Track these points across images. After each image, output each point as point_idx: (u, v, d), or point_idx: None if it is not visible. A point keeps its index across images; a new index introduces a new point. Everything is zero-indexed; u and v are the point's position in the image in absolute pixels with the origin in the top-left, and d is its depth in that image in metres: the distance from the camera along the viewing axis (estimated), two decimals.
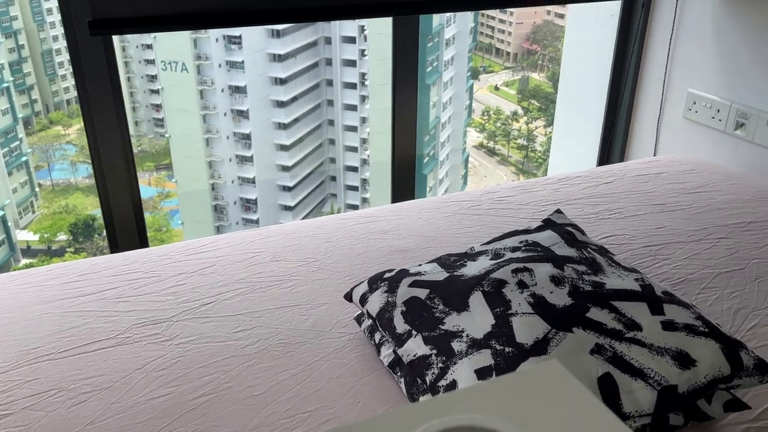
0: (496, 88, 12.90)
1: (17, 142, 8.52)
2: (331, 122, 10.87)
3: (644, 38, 2.10)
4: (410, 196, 2.11)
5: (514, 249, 1.10)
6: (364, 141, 10.72)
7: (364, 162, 10.79)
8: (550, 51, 12.77)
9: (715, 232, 1.44)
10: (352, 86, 10.51)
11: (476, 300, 0.96)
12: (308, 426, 0.98)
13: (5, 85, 8.38)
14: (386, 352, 1.07)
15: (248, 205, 10.57)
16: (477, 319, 0.94)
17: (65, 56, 9.80)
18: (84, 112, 1.62)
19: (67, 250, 8.95)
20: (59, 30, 9.24)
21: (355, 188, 11.06)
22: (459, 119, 11.32)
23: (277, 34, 10.00)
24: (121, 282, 1.31)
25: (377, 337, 1.10)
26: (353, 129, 10.76)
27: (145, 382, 1.05)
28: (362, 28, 10.21)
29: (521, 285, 0.97)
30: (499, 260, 1.06)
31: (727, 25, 1.89)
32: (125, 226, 1.73)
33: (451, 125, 11.18)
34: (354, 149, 10.89)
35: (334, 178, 11.15)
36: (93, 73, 1.57)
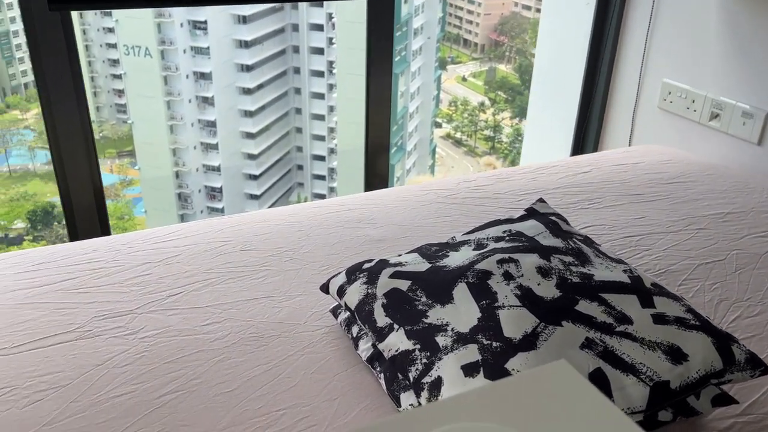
0: (464, 79, 12.93)
1: None
2: (298, 110, 10.74)
3: (620, 27, 2.08)
4: (383, 185, 2.06)
5: (497, 239, 1.06)
6: (331, 130, 10.62)
7: (332, 151, 10.70)
8: (518, 43, 12.84)
9: (694, 222, 1.43)
10: (320, 74, 10.39)
11: (461, 292, 0.92)
12: (282, 424, 0.93)
13: None
14: (364, 347, 1.02)
15: (213, 193, 10.38)
16: (462, 312, 0.89)
17: (23, 38, 9.44)
18: (41, 95, 1.52)
19: (25, 238, 8.68)
20: (17, 11, 8.91)
21: (322, 177, 10.97)
22: (427, 109, 11.31)
23: (244, 20, 9.81)
24: (81, 272, 1.23)
25: (355, 330, 1.06)
26: (321, 118, 10.65)
27: (107, 378, 0.98)
28: (330, 16, 10.08)
29: (507, 276, 0.93)
30: (482, 250, 1.02)
31: (704, 15, 1.88)
32: (85, 214, 1.64)
33: (419, 115, 11.16)
34: (321, 138, 10.79)
35: (301, 167, 11.04)
36: (51, 54, 1.48)
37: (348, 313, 1.08)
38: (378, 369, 0.98)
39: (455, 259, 1.01)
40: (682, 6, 1.94)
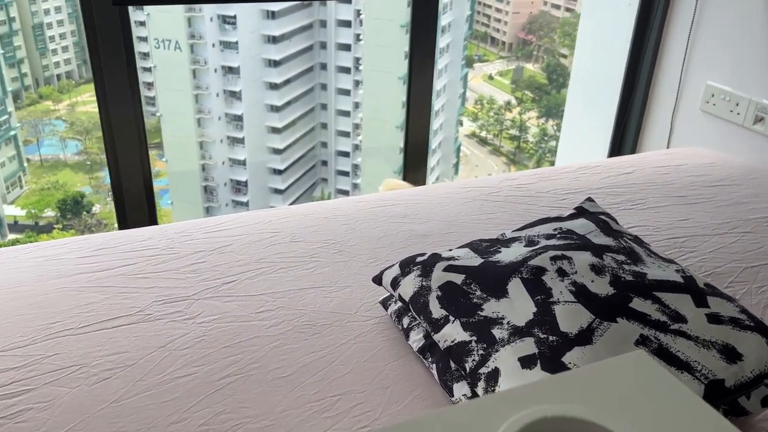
0: (490, 78, 12.86)
1: (6, 116, 8.38)
2: (323, 106, 10.78)
3: (663, 28, 2.08)
4: (422, 181, 2.08)
5: (548, 236, 1.08)
6: (356, 126, 10.65)
7: (356, 147, 10.72)
8: (546, 42, 12.75)
9: (740, 225, 1.43)
10: (346, 71, 10.42)
11: (515, 287, 0.94)
12: (338, 410, 0.96)
13: None
14: (416, 337, 1.05)
15: (238, 187, 10.47)
16: (517, 306, 0.92)
17: (57, 30, 9.61)
18: (97, 86, 1.57)
19: (55, 226, 8.84)
20: (51, 3, 9.05)
21: (346, 174, 11.00)
22: (452, 108, 11.28)
23: (273, 16, 9.87)
24: (139, 258, 1.27)
25: (406, 321, 1.08)
26: (346, 114, 10.68)
27: (169, 360, 1.02)
28: (358, 12, 10.11)
29: (561, 273, 0.95)
30: (534, 247, 1.04)
31: (749, 16, 1.87)
32: (135, 203, 1.69)
33: (444, 113, 11.14)
34: (346, 134, 10.82)
35: (325, 163, 11.08)
36: (109, 47, 1.52)
37: (399, 304, 1.11)
38: (430, 359, 1.01)
39: (508, 255, 1.03)
40: (727, 7, 1.93)
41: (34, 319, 1.08)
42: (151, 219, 1.72)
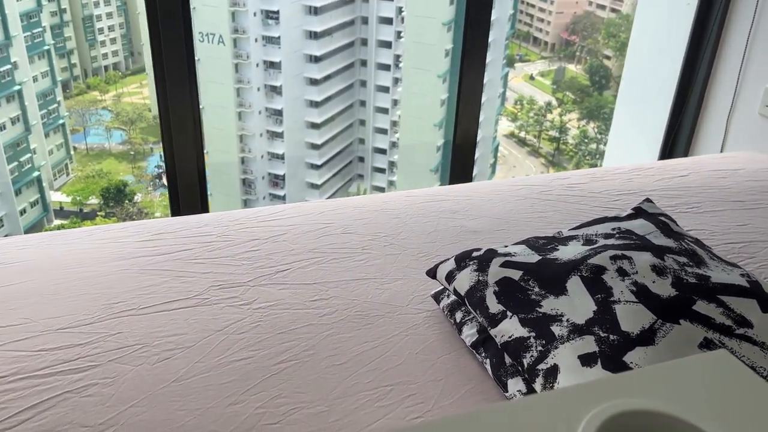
0: (531, 78, 12.72)
1: (55, 105, 8.62)
2: (362, 103, 10.81)
3: (722, 28, 2.03)
4: (468, 178, 2.08)
5: (607, 236, 1.07)
6: (394, 123, 10.65)
7: (393, 145, 10.73)
8: (589, 43, 12.55)
9: None
10: (386, 68, 10.42)
11: (574, 285, 0.94)
12: (391, 399, 0.97)
13: (46, 47, 8.46)
14: (469, 332, 1.05)
15: (276, 180, 10.58)
16: (576, 303, 0.91)
17: (105, 22, 9.83)
18: (157, 74, 1.61)
19: (98, 213, 9.07)
20: None
21: (382, 170, 11.02)
22: (492, 107, 11.19)
23: (315, 12, 9.94)
24: (196, 244, 1.30)
25: (458, 316, 1.09)
26: (384, 111, 10.69)
27: (226, 344, 1.05)
28: (400, 10, 10.10)
29: (621, 272, 0.94)
30: (593, 246, 1.03)
31: None
32: (188, 191, 1.73)
33: (483, 112, 11.01)
34: (384, 131, 10.83)
35: (362, 159, 11.11)
36: (171, 38, 1.56)
37: (452, 298, 1.11)
38: (483, 354, 1.01)
39: (566, 253, 1.02)
40: None
41: (98, 298, 1.12)
42: (203, 206, 1.76)
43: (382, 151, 10.87)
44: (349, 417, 0.94)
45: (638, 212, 1.16)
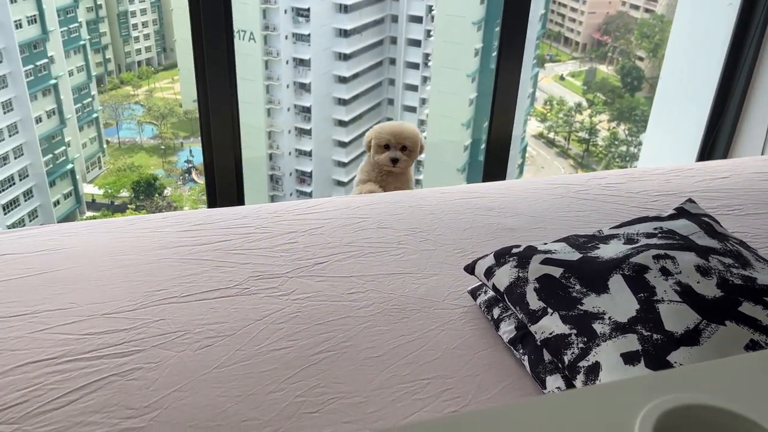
0: (561, 78, 12.59)
1: (90, 99, 8.77)
2: (390, 101, 10.82)
3: (765, 29, 1.99)
4: (501, 177, 2.07)
5: (648, 235, 1.06)
6: (422, 122, 10.64)
7: None
8: (622, 43, 12.38)
9: None
10: (415, 66, 10.41)
11: (617, 283, 0.93)
12: (428, 393, 0.98)
13: (82, 42, 8.61)
14: (506, 328, 1.05)
15: (303, 177, 10.64)
16: (619, 302, 0.91)
17: (140, 18, 9.98)
18: (198, 70, 1.63)
19: (129, 206, 9.21)
20: None
21: None
22: (521, 107, 11.09)
23: (345, 9, 9.97)
24: (235, 235, 1.32)
25: (496, 312, 1.09)
26: (412, 110, 10.68)
27: (265, 333, 1.06)
28: (430, 8, 10.08)
29: (664, 272, 0.93)
30: (635, 245, 1.02)
31: None
32: (225, 183, 1.75)
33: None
34: None
35: None
36: (212, 33, 1.58)
37: (489, 294, 1.11)
38: (521, 351, 1.01)
39: (607, 251, 1.02)
40: None
41: (141, 285, 1.14)
42: (239, 199, 1.78)
43: None
44: (386, 409, 0.94)
45: (680, 212, 1.14)
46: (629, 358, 0.83)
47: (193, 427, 0.88)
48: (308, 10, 10.23)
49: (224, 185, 1.74)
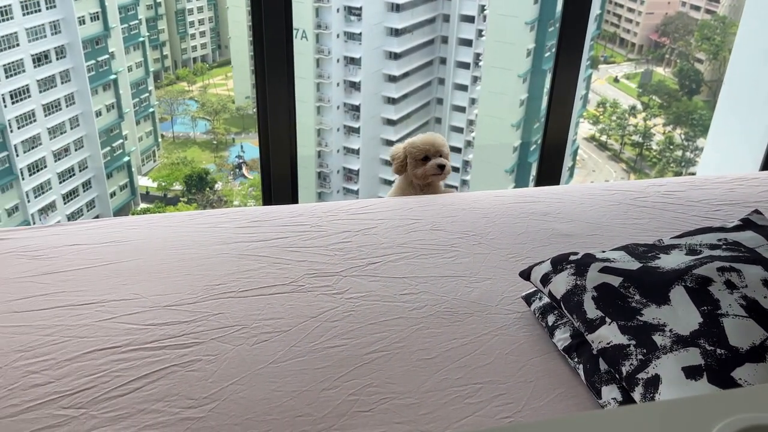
0: (616, 80, 12.31)
1: (147, 94, 9.04)
2: (439, 101, 10.79)
3: None
4: (555, 180, 2.04)
5: (712, 246, 1.03)
6: (470, 122, 10.58)
7: (469, 144, 10.65)
8: (681, 45, 12.03)
9: None
10: (466, 66, 10.35)
11: (678, 295, 0.91)
12: (480, 398, 0.98)
13: (141, 39, 8.88)
14: (561, 336, 1.04)
15: (350, 175, 10.72)
16: (680, 314, 0.88)
17: (196, 16, 10.20)
18: (257, 68, 1.67)
19: (181, 199, 9.44)
20: None
21: (456, 169, 10.95)
22: (573, 109, 10.87)
23: (397, 8, 9.98)
24: (291, 233, 1.34)
25: (551, 319, 1.07)
26: (461, 110, 10.63)
27: (320, 330, 1.08)
28: (482, 8, 10.01)
29: (729, 285, 0.91)
30: (698, 256, 1.00)
31: None
32: (281, 182, 1.78)
33: None
34: (460, 130, 10.77)
35: None
36: (273, 34, 1.61)
37: (544, 301, 1.10)
38: (576, 359, 1.00)
39: (668, 262, 0.99)
40: None
41: (201, 279, 1.18)
42: (293, 196, 1.81)
43: (457, 150, 10.80)
44: (438, 411, 0.95)
45: (746, 224, 1.11)
46: (691, 373, 0.81)
47: (249, 420, 0.90)
48: (360, 8, 10.28)
49: (279, 182, 1.78)
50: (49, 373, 0.95)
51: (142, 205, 8.76)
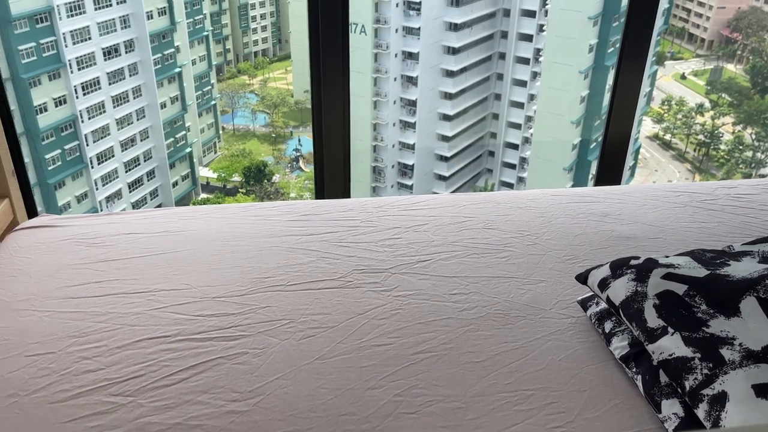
0: (683, 77, 11.85)
1: (209, 87, 9.26)
2: (497, 96, 10.64)
3: None
4: (616, 180, 1.96)
5: None
6: (529, 119, 10.39)
7: (526, 140, 10.47)
8: (754, 41, 11.47)
9: None
10: (525, 61, 10.17)
11: (750, 306, 0.85)
12: (531, 405, 0.94)
13: (205, 33, 9.09)
14: (619, 344, 0.99)
15: (405, 170, 10.70)
16: (752, 327, 0.82)
17: (258, 11, 10.38)
18: (313, 63, 1.66)
19: (240, 190, 9.65)
20: None
21: (512, 166, 10.79)
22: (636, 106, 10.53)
23: (456, 3, 9.88)
24: (341, 228, 1.33)
25: (608, 326, 1.02)
26: (520, 106, 10.45)
27: (367, 328, 1.06)
28: (544, 2, 9.80)
29: None
30: None
31: None
32: (333, 176, 1.78)
33: None
34: (518, 126, 10.59)
35: (492, 154, 10.95)
36: (330, 29, 1.61)
37: (602, 307, 1.05)
38: (634, 369, 0.95)
39: (738, 270, 0.93)
40: None
41: (250, 271, 1.18)
42: (345, 190, 1.80)
43: (514, 147, 10.64)
44: (486, 417, 0.92)
45: None
46: (762, 391, 0.75)
47: (294, 416, 0.89)
48: (419, 3, 10.23)
49: (332, 176, 1.77)
50: (100, 359, 0.97)
51: (203, 195, 9.00)
